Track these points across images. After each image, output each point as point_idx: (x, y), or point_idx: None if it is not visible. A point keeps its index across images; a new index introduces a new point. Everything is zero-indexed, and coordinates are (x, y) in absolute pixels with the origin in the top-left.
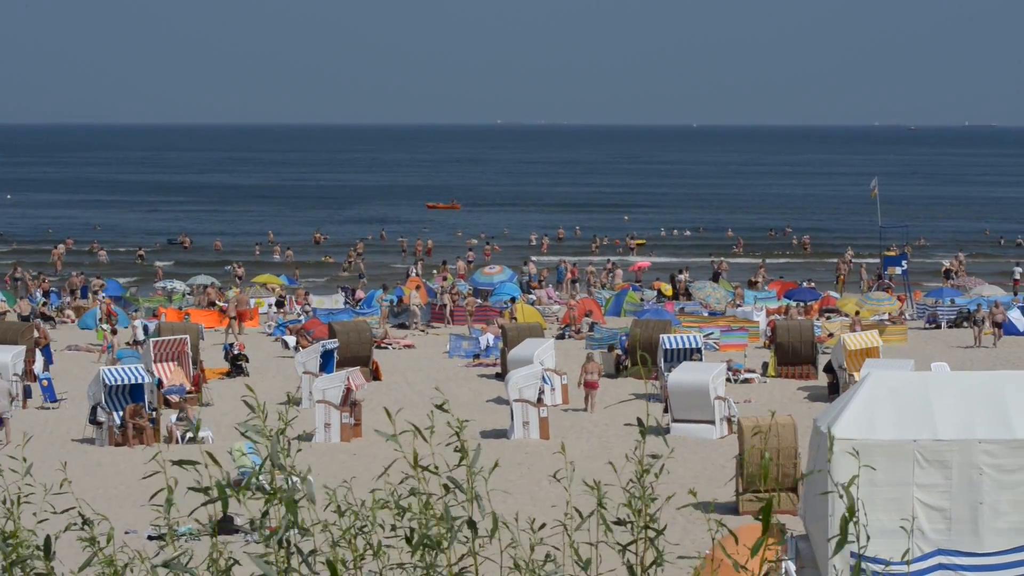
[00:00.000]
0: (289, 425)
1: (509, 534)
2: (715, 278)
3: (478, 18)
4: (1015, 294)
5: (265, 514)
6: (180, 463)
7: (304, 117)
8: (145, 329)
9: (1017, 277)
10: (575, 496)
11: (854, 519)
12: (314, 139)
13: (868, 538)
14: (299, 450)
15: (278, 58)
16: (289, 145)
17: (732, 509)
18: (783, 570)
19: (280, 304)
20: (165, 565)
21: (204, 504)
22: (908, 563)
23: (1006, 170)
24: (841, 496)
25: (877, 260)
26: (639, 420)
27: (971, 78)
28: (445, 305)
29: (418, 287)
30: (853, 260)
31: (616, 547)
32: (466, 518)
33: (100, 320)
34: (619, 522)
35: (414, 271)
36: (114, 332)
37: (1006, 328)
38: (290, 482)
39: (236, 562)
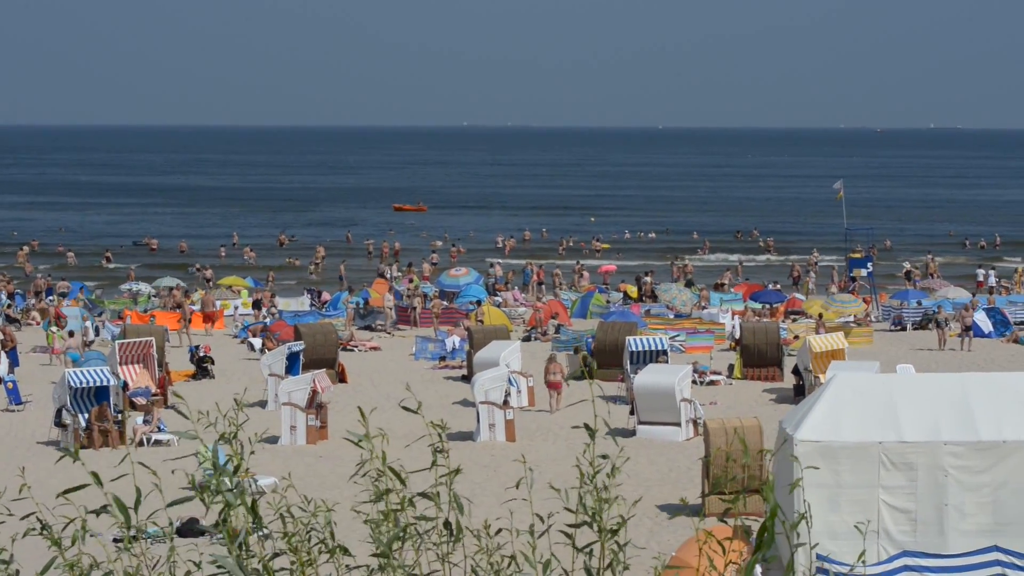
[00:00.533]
0: (240, 428)
1: (475, 539)
2: (689, 284)
3: (444, 20)
4: (972, 295)
5: (225, 519)
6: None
7: (268, 119)
8: (96, 330)
9: (981, 279)
10: (542, 499)
11: (777, 519)
12: (279, 141)
13: (801, 537)
14: (252, 452)
15: (242, 61)
16: (254, 147)
17: (698, 511)
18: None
19: (258, 306)
20: None
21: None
22: (862, 561)
23: (971, 172)
24: (766, 499)
25: (842, 262)
26: (586, 425)
27: (937, 81)
28: (415, 308)
29: (390, 289)
30: (819, 262)
31: (577, 549)
32: (441, 519)
33: (49, 323)
34: (574, 525)
35: (390, 273)
36: (71, 335)
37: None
38: (250, 485)
39: (197, 566)
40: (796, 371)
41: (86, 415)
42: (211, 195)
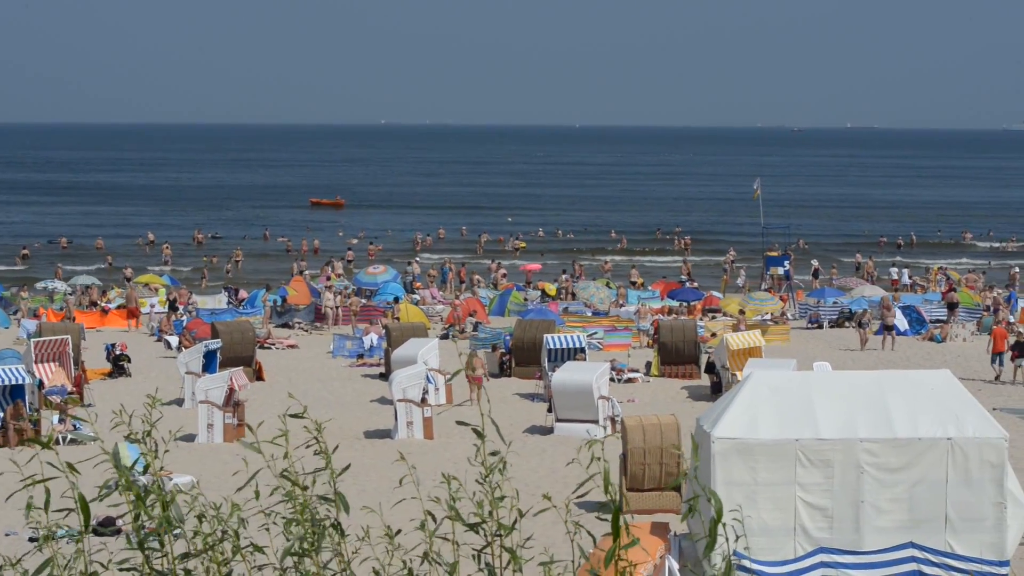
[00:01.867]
0: (154, 427)
1: (372, 539)
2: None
3: (363, 16)
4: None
5: (137, 516)
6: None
7: (182, 116)
8: None
9: (895, 277)
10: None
11: (722, 521)
12: (194, 138)
13: (738, 538)
14: (166, 451)
15: (153, 55)
16: (169, 144)
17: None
18: (666, 568)
19: (174, 306)
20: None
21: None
22: (746, 549)
23: (887, 171)
24: (709, 500)
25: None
26: (474, 429)
27: (854, 81)
28: (338, 306)
29: (330, 289)
30: (734, 261)
31: (477, 551)
32: (330, 521)
33: None
34: (472, 526)
35: (329, 271)
36: None
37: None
38: (160, 483)
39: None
40: (710, 368)
41: (1, 414)
42: (126, 193)
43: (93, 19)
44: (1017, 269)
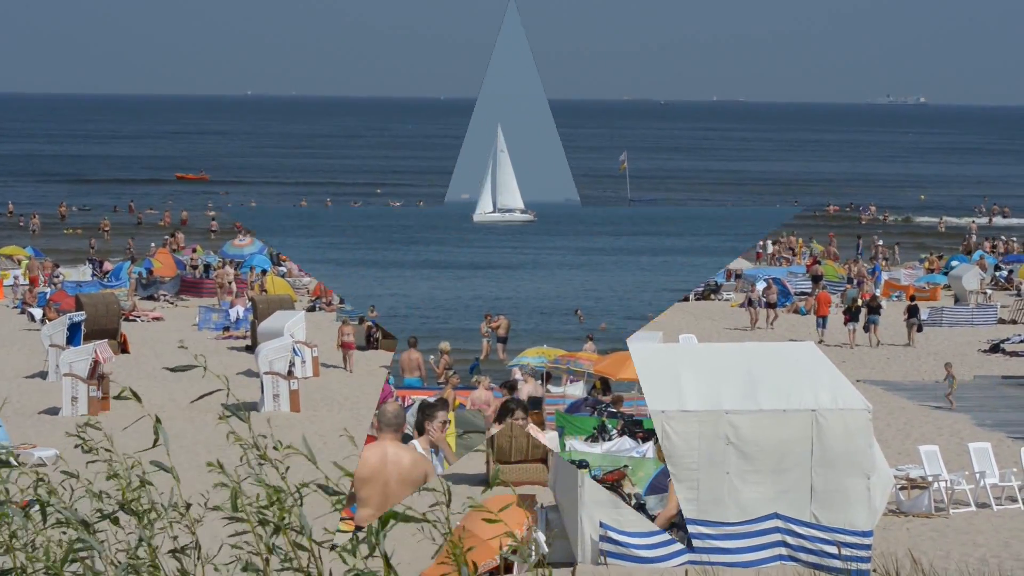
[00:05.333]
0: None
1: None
2: None
3: None
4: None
5: None
6: None
7: (42, 87)
8: None
9: (760, 250)
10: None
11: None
12: (54, 109)
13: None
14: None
15: (17, 25)
16: (29, 115)
17: (483, 480)
18: (533, 539)
19: None
20: None
21: None
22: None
23: (753, 144)
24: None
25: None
26: (225, 405)
27: (720, 53)
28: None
29: (234, 264)
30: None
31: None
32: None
33: None
34: (264, 506)
35: (189, 244)
36: None
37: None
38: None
39: None
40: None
41: None
42: None
43: None
44: (881, 242)
